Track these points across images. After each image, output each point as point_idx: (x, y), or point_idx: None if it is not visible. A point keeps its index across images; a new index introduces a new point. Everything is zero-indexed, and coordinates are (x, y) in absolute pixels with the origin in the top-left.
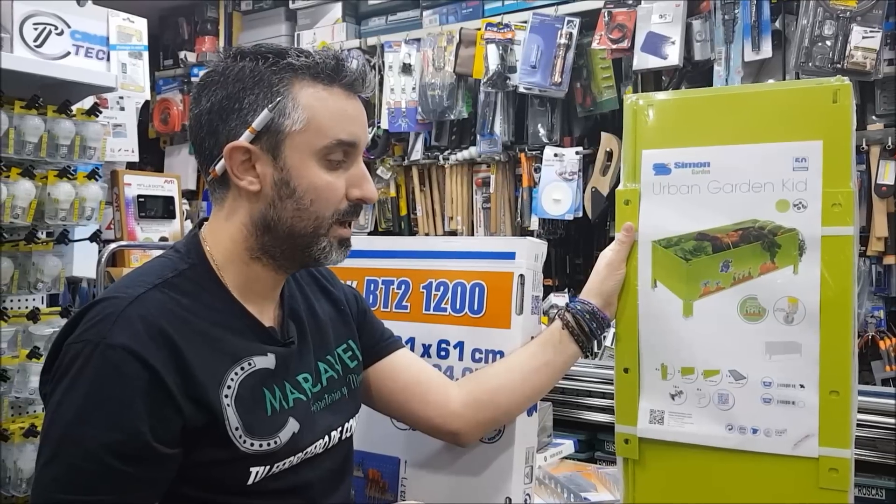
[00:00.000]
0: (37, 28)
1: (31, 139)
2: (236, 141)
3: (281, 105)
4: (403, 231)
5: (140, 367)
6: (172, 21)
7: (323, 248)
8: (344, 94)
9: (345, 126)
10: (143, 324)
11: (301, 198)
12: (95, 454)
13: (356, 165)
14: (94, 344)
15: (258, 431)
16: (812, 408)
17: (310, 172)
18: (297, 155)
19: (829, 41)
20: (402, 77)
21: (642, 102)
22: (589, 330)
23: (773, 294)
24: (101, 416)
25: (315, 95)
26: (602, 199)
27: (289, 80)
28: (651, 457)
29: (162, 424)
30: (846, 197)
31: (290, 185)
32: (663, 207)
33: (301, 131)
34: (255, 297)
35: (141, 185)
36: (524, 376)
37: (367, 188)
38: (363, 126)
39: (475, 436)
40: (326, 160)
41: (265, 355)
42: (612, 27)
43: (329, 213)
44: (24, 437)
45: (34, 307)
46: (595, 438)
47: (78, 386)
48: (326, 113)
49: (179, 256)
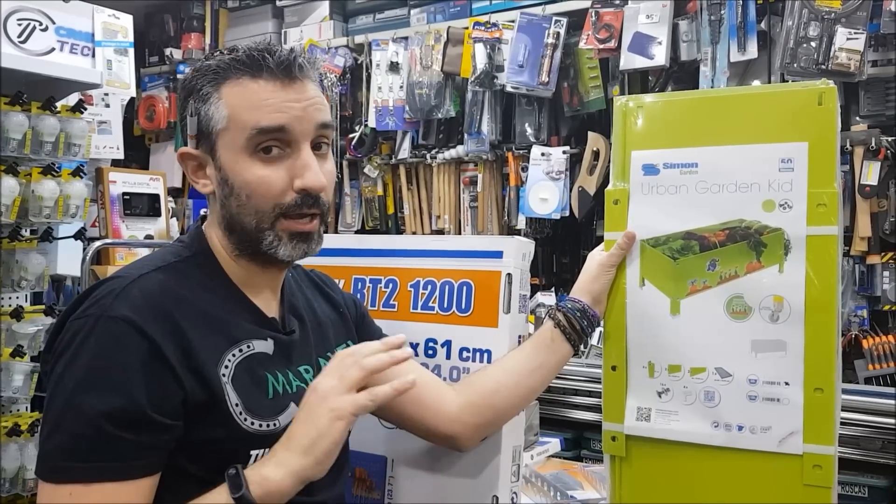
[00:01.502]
0: (21, 24)
1: (15, 136)
2: (184, 147)
3: (205, 108)
4: (391, 230)
5: (139, 338)
6: (158, 18)
7: (270, 243)
8: (270, 84)
9: (266, 114)
10: (144, 298)
11: (238, 194)
12: (95, 421)
13: (298, 154)
14: (95, 317)
15: (258, 412)
16: (797, 405)
17: (241, 168)
18: (228, 152)
19: (814, 42)
20: (390, 75)
21: (632, 104)
22: (580, 328)
23: (758, 293)
24: (101, 384)
25: (237, 90)
26: (589, 199)
27: (215, 82)
28: (638, 454)
29: (161, 394)
30: (831, 197)
31: (228, 182)
32: (652, 207)
33: (226, 128)
34: (255, 291)
35: (126, 183)
36: (519, 378)
37: (309, 177)
38: (298, 110)
39: (473, 440)
40: (259, 152)
41: (265, 340)
42: (600, 27)
43: (268, 206)
44: (7, 437)
45: (18, 305)
46: (581, 437)
47: (79, 357)
48: (245, 104)
49: (184, 246)
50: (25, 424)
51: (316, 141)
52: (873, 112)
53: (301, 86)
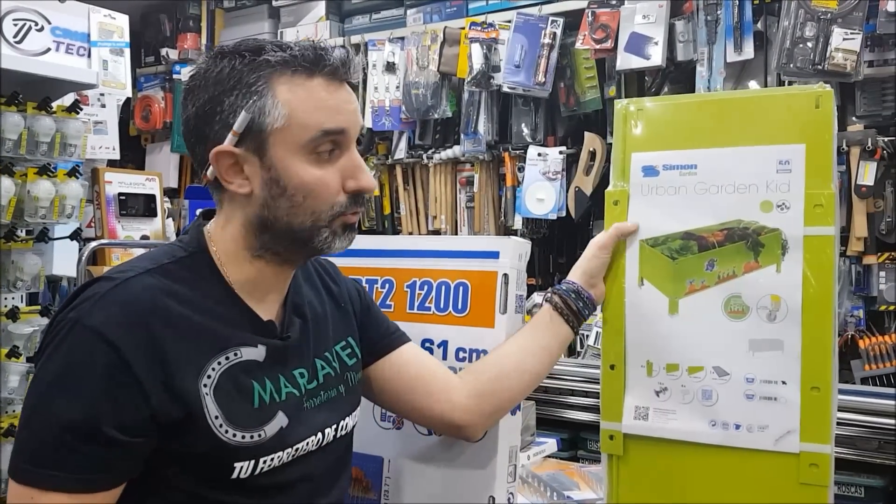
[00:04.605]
0: (17, 24)
1: (11, 136)
2: (221, 145)
3: (259, 104)
4: (387, 230)
5: (106, 351)
6: (154, 18)
7: (325, 238)
8: (326, 84)
9: (329, 115)
10: (120, 308)
11: (293, 195)
12: (56, 430)
13: (349, 155)
14: (72, 323)
15: (242, 422)
16: (793, 404)
17: (298, 169)
18: (282, 152)
19: (811, 42)
20: (386, 76)
21: (633, 107)
22: (576, 308)
23: (756, 292)
24: (64, 394)
25: (294, 89)
26: (585, 199)
27: (266, 77)
28: (635, 453)
29: (121, 411)
30: (828, 198)
31: (281, 183)
32: (651, 208)
33: (283, 128)
34: (258, 294)
35: (122, 183)
36: (522, 362)
37: (363, 178)
38: (352, 113)
39: (481, 428)
40: (315, 154)
41: (255, 346)
42: (596, 27)
43: (325, 207)
44: (3, 437)
45: (13, 306)
46: (578, 437)
47: (51, 362)
48: (307, 105)
49: (181, 245)
50: None
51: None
52: (869, 112)
53: (347, 87)
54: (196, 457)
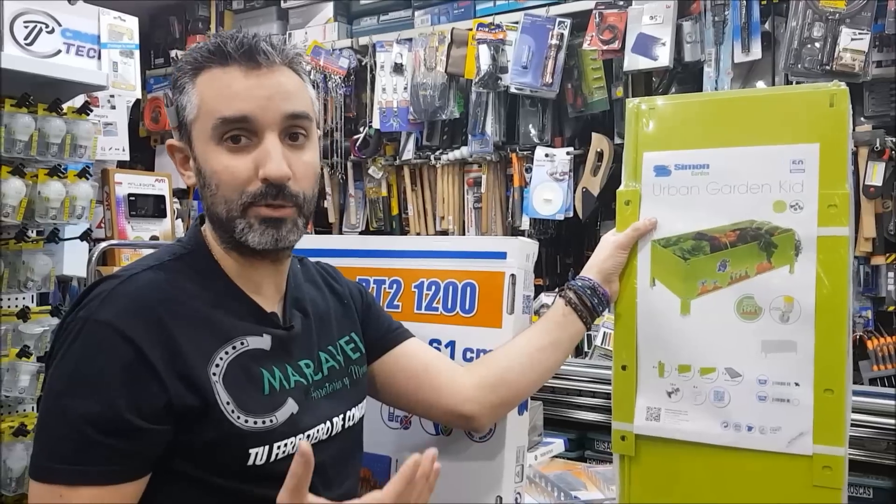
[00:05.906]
0: (27, 26)
1: (22, 137)
2: (170, 139)
3: (182, 99)
4: (395, 230)
5: (121, 342)
6: (163, 20)
7: (241, 230)
8: (244, 72)
9: (228, 103)
10: (130, 301)
11: (209, 184)
12: (77, 425)
13: (263, 144)
14: (83, 321)
15: (253, 409)
16: (806, 406)
17: (211, 157)
18: (200, 143)
19: (819, 43)
20: (394, 77)
21: (644, 107)
22: (591, 305)
23: (769, 293)
24: (82, 388)
25: (209, 81)
26: (592, 200)
27: (191, 73)
28: (647, 453)
29: (141, 399)
30: (842, 198)
31: (202, 172)
32: (663, 208)
33: (197, 118)
34: (251, 286)
35: (132, 184)
36: (532, 356)
37: (269, 165)
38: (261, 99)
39: (488, 419)
40: (227, 141)
41: (260, 336)
42: (603, 28)
43: (234, 196)
44: (13, 437)
45: (24, 306)
46: (585, 437)
47: (66, 361)
48: (212, 93)
49: (181, 244)
50: (31, 424)
51: (289, 131)
52: (878, 113)
53: (268, 73)
54: (211, 446)
